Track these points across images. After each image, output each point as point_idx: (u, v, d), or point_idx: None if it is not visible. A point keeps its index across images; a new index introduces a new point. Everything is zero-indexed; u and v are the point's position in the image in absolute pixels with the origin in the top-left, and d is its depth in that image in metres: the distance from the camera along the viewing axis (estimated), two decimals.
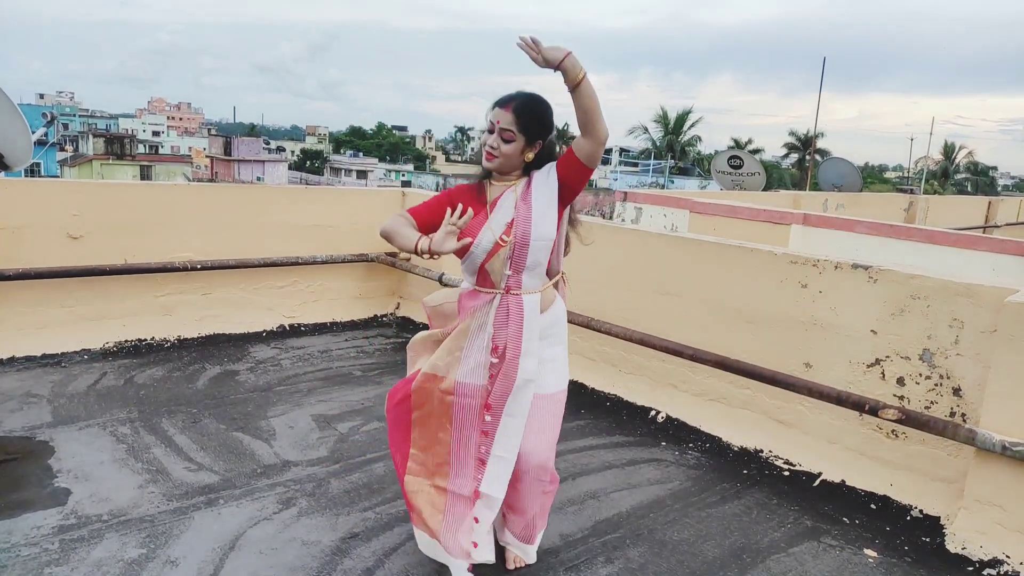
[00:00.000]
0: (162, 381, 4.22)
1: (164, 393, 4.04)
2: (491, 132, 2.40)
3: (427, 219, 2.45)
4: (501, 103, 2.40)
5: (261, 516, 2.86)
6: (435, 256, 2.31)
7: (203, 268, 4.95)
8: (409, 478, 2.54)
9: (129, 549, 2.59)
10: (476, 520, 2.49)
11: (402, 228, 2.41)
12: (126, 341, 4.76)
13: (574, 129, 2.48)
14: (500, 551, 2.66)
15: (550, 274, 2.55)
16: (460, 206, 2.32)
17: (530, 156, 2.42)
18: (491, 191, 2.49)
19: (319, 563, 2.58)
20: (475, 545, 2.49)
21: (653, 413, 4.17)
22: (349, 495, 3.07)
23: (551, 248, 2.47)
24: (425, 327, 2.70)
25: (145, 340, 4.82)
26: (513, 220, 2.41)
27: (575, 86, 2.25)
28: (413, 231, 2.41)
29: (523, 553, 2.68)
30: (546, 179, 2.44)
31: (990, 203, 14.21)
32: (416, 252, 2.33)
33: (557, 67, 2.22)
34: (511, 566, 2.66)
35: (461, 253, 2.39)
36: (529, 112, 2.39)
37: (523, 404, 2.47)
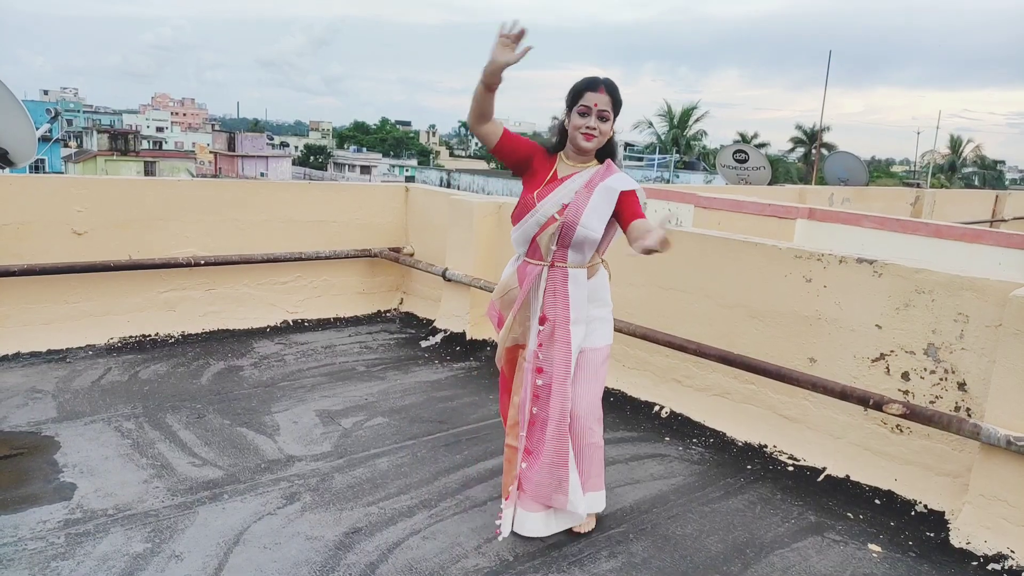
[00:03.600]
0: (166, 377, 4.23)
1: (168, 388, 4.06)
2: (586, 115, 2.56)
3: (512, 140, 2.64)
4: (591, 87, 2.56)
5: (265, 511, 2.87)
6: (495, 68, 2.37)
7: (207, 264, 4.96)
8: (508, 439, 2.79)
9: (134, 543, 2.60)
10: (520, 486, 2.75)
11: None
12: (130, 337, 4.77)
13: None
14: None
15: (599, 252, 2.73)
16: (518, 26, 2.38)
17: (612, 133, 2.62)
18: (561, 167, 2.67)
19: (323, 558, 2.59)
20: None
21: (657, 408, 4.16)
22: (353, 490, 3.08)
23: (598, 240, 2.63)
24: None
25: (149, 336, 4.83)
26: (570, 204, 2.58)
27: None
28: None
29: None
30: (607, 192, 2.58)
31: (997, 197, 14.12)
32: (485, 77, 2.41)
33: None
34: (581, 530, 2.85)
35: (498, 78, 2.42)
36: (617, 92, 2.60)
37: (585, 369, 2.70)
